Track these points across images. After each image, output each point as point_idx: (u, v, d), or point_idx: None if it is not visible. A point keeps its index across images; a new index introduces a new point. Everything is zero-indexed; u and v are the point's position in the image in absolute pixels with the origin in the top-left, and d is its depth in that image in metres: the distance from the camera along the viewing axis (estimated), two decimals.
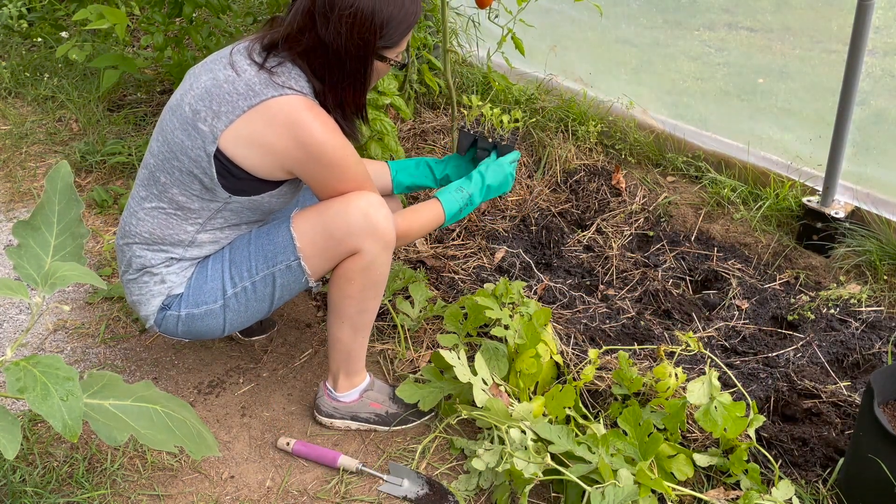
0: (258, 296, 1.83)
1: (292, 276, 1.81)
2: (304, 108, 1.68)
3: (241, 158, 1.70)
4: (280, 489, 1.86)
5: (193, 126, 1.70)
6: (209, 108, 1.69)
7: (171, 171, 1.75)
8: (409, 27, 1.73)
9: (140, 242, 1.82)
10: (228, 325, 1.87)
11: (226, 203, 1.77)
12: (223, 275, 1.82)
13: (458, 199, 1.95)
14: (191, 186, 1.75)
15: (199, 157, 1.71)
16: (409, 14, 1.71)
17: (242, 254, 1.82)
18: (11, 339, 2.34)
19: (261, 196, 1.79)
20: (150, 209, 1.80)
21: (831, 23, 2.81)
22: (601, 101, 3.26)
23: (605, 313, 2.37)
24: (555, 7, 3.47)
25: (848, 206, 2.55)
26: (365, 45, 1.68)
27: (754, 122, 2.96)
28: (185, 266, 1.85)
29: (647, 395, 1.95)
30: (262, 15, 3.78)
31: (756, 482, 1.75)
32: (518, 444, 1.74)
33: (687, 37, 3.28)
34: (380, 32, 1.68)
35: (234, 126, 1.67)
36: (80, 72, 3.90)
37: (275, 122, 1.66)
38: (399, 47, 1.75)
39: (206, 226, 1.81)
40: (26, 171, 3.21)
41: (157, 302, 1.84)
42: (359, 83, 1.75)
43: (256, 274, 1.81)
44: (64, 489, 1.84)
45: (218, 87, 1.70)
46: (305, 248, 1.78)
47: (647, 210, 2.85)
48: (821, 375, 2.08)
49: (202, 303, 1.83)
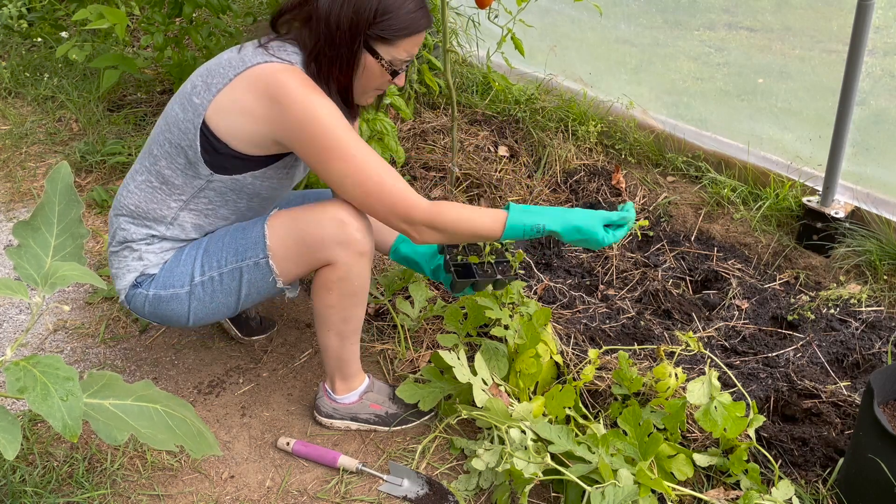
0: (224, 288, 1.81)
1: (259, 273, 1.79)
2: (284, 69, 1.66)
3: (223, 130, 1.69)
4: (280, 489, 1.86)
5: (188, 99, 1.73)
6: (204, 82, 1.71)
7: (162, 144, 1.77)
8: (409, 31, 1.70)
9: (126, 215, 1.84)
10: (193, 315, 1.85)
11: (208, 181, 1.76)
12: (195, 261, 1.82)
13: (529, 219, 1.72)
14: (177, 160, 1.75)
15: (187, 129, 1.72)
16: (410, 15, 1.68)
17: (217, 244, 1.82)
18: (11, 339, 2.34)
19: (243, 176, 1.77)
20: (140, 182, 1.82)
21: (831, 23, 2.81)
22: (601, 101, 3.26)
23: (605, 313, 2.37)
24: (555, 7, 3.47)
25: (848, 206, 2.55)
26: (357, 21, 1.65)
27: (754, 122, 2.96)
28: (165, 248, 1.85)
29: (647, 395, 1.95)
30: (262, 15, 3.78)
31: (756, 482, 1.75)
32: (518, 444, 1.74)
33: (687, 37, 3.28)
34: (374, 16, 1.66)
35: (219, 96, 1.68)
36: (80, 72, 3.90)
37: (254, 85, 1.66)
38: (394, 48, 1.71)
39: (190, 204, 1.80)
40: (26, 171, 3.21)
41: (131, 278, 1.84)
42: (344, 62, 1.71)
43: (225, 266, 1.80)
44: (64, 489, 1.84)
45: (217, 64, 1.73)
46: (275, 248, 1.76)
47: (647, 210, 2.85)
48: (821, 375, 2.08)
49: (170, 285, 1.82)
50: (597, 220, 1.72)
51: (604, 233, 1.72)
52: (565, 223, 1.71)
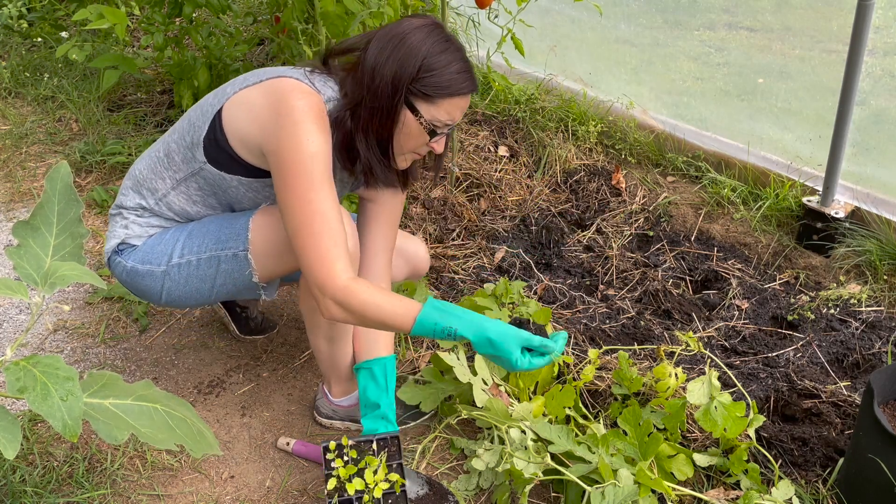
0: (200, 274, 1.81)
1: (237, 265, 1.78)
2: (304, 92, 1.64)
3: (228, 121, 1.70)
4: (280, 489, 1.86)
5: (224, 88, 1.76)
6: (244, 77, 1.74)
7: (185, 119, 1.82)
8: (451, 91, 1.65)
9: (131, 178, 1.88)
10: (166, 294, 1.84)
11: (200, 168, 1.76)
12: (176, 242, 1.82)
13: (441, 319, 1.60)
14: (185, 137, 1.78)
15: (206, 111, 1.75)
16: (454, 76, 1.65)
17: (202, 230, 1.82)
18: (11, 339, 2.34)
19: (231, 177, 1.76)
20: (152, 150, 1.87)
21: (831, 23, 2.81)
22: (601, 101, 3.26)
23: (605, 313, 2.37)
24: (555, 7, 3.47)
25: (848, 206, 2.55)
26: (400, 74, 1.62)
27: (754, 121, 2.96)
28: (152, 224, 1.86)
29: (647, 395, 1.95)
30: (262, 15, 3.79)
31: (756, 482, 1.75)
32: (518, 444, 1.74)
33: (687, 37, 3.28)
34: (418, 72, 1.62)
35: (242, 92, 1.70)
36: (80, 72, 3.90)
37: (270, 92, 1.67)
38: (434, 108, 1.66)
39: (181, 187, 1.81)
40: (26, 171, 3.21)
41: (114, 243, 1.86)
42: (384, 114, 1.67)
43: (204, 252, 1.80)
44: (64, 489, 1.84)
45: (265, 70, 1.76)
46: (257, 243, 1.76)
47: (647, 210, 2.85)
48: (821, 375, 2.08)
49: (148, 262, 1.82)
50: (515, 339, 1.57)
51: (518, 355, 1.57)
52: (479, 333, 1.57)
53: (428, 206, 2.80)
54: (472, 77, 1.68)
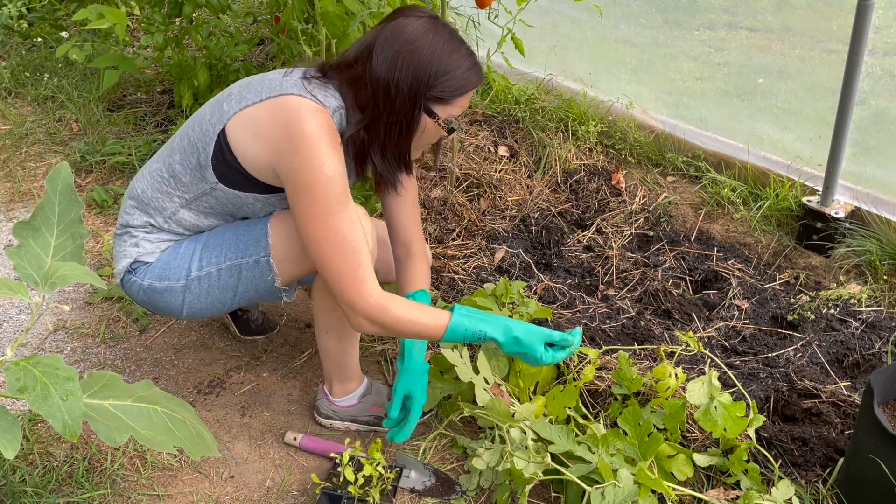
0: (221, 284, 1.80)
1: (259, 272, 1.78)
2: (312, 109, 1.62)
3: (235, 142, 1.67)
4: (280, 489, 1.86)
5: (220, 104, 1.72)
6: (239, 93, 1.71)
7: (183, 138, 1.77)
8: (465, 89, 1.67)
9: (133, 198, 1.84)
10: (187, 308, 1.83)
11: (212, 188, 1.75)
12: (193, 255, 1.80)
13: (470, 324, 1.71)
14: (190, 158, 1.74)
15: (207, 132, 1.71)
16: (466, 74, 1.66)
17: (218, 240, 1.80)
18: (11, 339, 2.34)
19: (246, 194, 1.75)
20: (153, 170, 1.83)
21: (831, 23, 2.81)
22: (601, 101, 3.26)
23: (605, 313, 2.37)
24: (555, 7, 3.47)
25: (848, 206, 2.55)
26: (417, 84, 1.62)
27: (754, 122, 2.96)
28: (163, 239, 1.83)
29: (647, 395, 1.95)
30: (262, 15, 3.78)
31: (756, 482, 1.75)
32: (518, 444, 1.74)
33: (687, 37, 3.28)
34: (433, 80, 1.63)
35: (246, 110, 1.67)
36: (80, 72, 3.90)
37: (277, 113, 1.64)
38: (450, 107, 1.68)
39: (192, 205, 1.79)
40: (26, 171, 3.21)
41: (126, 263, 1.83)
42: (403, 127, 1.68)
43: (224, 262, 1.79)
44: (64, 489, 1.84)
45: (260, 80, 1.72)
46: (277, 248, 1.76)
47: (647, 210, 2.85)
48: (821, 375, 2.08)
49: (165, 278, 1.81)
50: (538, 336, 1.70)
51: (543, 350, 1.70)
52: (506, 333, 1.69)
53: (428, 206, 2.80)
54: (480, 68, 1.70)
